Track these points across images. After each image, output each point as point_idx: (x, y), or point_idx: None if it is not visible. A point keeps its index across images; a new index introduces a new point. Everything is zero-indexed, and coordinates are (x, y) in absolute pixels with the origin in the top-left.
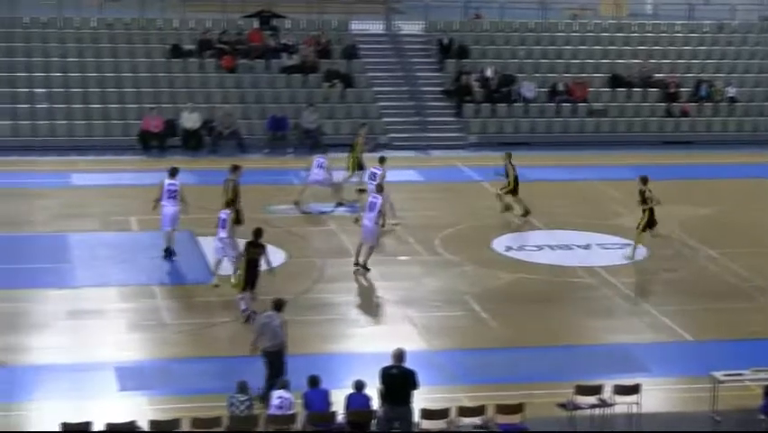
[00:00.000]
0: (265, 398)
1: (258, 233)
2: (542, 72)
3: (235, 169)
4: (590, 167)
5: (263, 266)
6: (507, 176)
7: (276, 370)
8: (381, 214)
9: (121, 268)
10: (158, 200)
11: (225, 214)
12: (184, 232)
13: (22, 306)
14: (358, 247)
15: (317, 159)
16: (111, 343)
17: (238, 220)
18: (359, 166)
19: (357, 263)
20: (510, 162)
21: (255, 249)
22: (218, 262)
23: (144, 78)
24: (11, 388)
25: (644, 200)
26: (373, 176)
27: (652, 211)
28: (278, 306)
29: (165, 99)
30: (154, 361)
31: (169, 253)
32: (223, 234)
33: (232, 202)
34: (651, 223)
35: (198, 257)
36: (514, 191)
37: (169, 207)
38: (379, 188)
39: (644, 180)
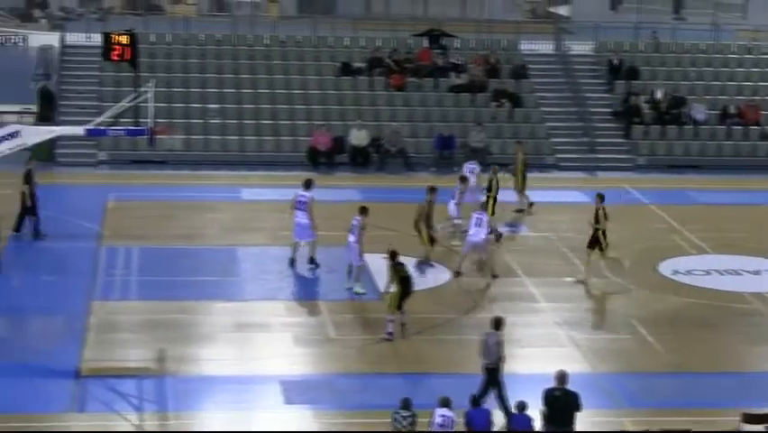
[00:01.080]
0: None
1: (394, 254)
2: (713, 94)
3: (432, 190)
4: (762, 191)
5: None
6: (490, 190)
7: (488, 386)
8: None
9: (288, 282)
10: (292, 210)
11: (357, 220)
12: None
13: (192, 317)
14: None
15: (468, 165)
16: (277, 356)
17: (432, 241)
18: (522, 185)
19: (459, 272)
20: (497, 178)
21: (402, 267)
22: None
23: (314, 95)
24: (180, 397)
25: (597, 219)
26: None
27: (604, 232)
28: (497, 324)
29: (334, 116)
30: (319, 375)
31: (291, 263)
32: (351, 238)
33: (426, 221)
34: (594, 243)
35: (365, 274)
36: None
37: (296, 219)
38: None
39: (601, 198)
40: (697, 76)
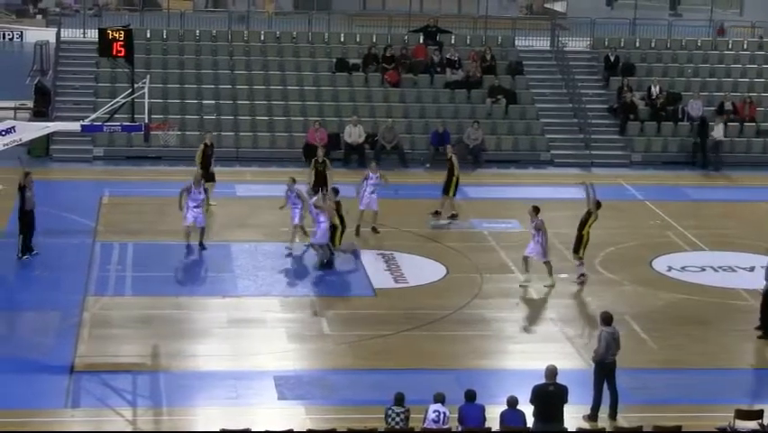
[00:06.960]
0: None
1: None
2: (709, 91)
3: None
4: (758, 188)
5: None
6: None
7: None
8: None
9: (282, 278)
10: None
11: (539, 221)
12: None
13: (187, 313)
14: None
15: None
16: (271, 352)
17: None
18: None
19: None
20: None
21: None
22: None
23: (310, 92)
24: (173, 393)
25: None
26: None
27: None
28: (610, 320)
29: (329, 113)
30: (313, 371)
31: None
32: (537, 238)
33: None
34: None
35: (359, 270)
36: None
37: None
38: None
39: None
40: (693, 72)
